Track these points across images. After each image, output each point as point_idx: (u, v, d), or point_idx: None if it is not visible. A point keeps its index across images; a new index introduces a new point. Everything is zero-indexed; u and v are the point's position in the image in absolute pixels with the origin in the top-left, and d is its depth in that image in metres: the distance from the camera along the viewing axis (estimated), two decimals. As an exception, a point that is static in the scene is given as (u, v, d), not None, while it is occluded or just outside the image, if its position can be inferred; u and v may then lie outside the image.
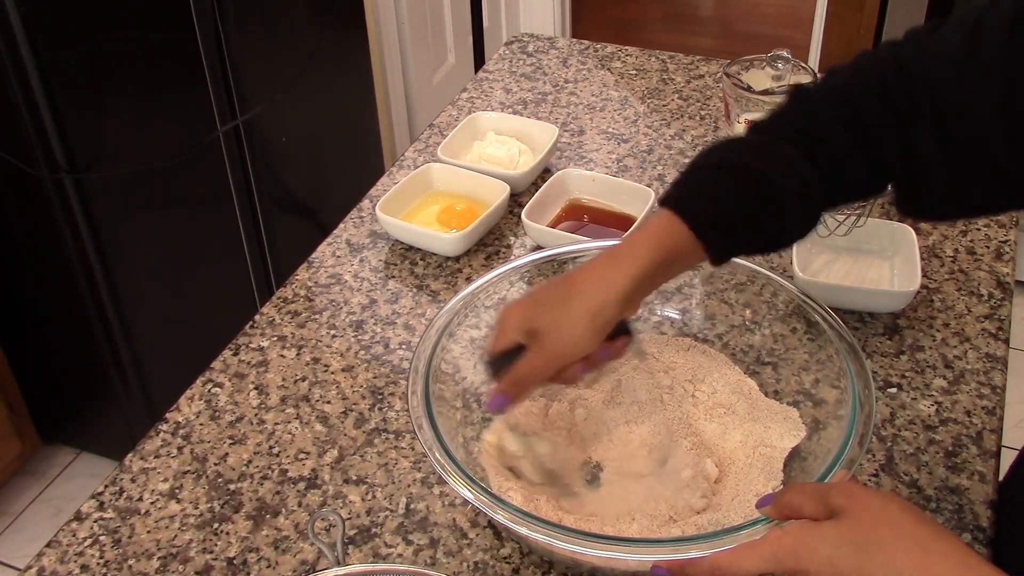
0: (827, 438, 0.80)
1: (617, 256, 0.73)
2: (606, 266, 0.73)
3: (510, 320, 0.74)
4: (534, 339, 0.73)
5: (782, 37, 3.38)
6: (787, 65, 1.24)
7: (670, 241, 0.73)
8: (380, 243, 1.15)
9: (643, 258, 0.73)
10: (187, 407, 0.95)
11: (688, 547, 0.65)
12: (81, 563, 0.81)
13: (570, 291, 0.73)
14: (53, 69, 1.48)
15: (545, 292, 0.75)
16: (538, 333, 0.72)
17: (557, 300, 0.73)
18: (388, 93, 2.55)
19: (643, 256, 0.73)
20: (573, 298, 0.73)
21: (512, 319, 0.74)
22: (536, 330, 0.73)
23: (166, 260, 1.79)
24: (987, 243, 1.12)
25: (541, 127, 1.28)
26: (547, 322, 0.72)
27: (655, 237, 0.73)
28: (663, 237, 0.73)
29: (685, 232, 0.73)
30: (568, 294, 0.73)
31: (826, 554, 0.57)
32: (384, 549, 0.81)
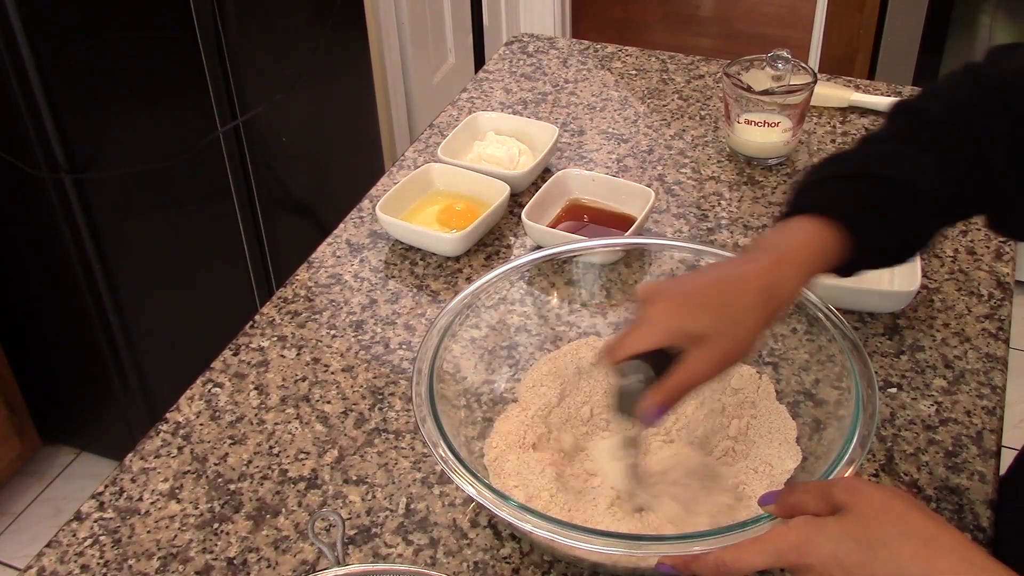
0: (827, 438, 0.80)
1: (786, 265, 0.70)
2: (775, 274, 0.70)
3: (662, 320, 0.69)
4: (703, 342, 0.68)
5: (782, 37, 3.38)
6: (787, 65, 1.24)
7: (825, 249, 0.71)
8: (380, 243, 1.15)
9: (809, 268, 0.71)
10: (187, 407, 0.95)
11: (692, 543, 0.65)
12: (81, 563, 0.81)
13: (740, 298, 0.69)
14: (53, 69, 1.49)
15: (705, 294, 0.70)
16: (707, 337, 0.68)
17: (726, 305, 0.69)
18: (388, 93, 2.55)
19: (808, 267, 0.71)
20: (746, 306, 0.69)
21: (666, 319, 0.69)
22: (703, 334, 0.68)
23: (166, 260, 1.79)
24: (987, 243, 1.12)
25: (541, 127, 1.28)
26: (718, 327, 0.68)
27: (815, 246, 0.71)
28: (821, 245, 0.71)
29: (839, 240, 0.71)
30: (738, 300, 0.69)
31: (830, 550, 0.57)
32: (384, 549, 0.81)
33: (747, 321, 0.69)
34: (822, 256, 0.71)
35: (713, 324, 0.68)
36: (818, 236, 0.71)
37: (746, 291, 0.69)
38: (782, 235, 0.72)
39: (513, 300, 0.93)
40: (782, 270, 0.70)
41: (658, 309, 0.70)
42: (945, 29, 2.17)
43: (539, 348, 0.94)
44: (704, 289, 0.71)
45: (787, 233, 0.72)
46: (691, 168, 1.26)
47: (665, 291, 0.71)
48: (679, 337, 0.69)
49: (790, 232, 0.72)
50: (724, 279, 0.71)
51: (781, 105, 1.22)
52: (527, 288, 0.93)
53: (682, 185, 1.23)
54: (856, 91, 1.37)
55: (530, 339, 0.94)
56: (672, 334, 0.69)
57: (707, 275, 0.73)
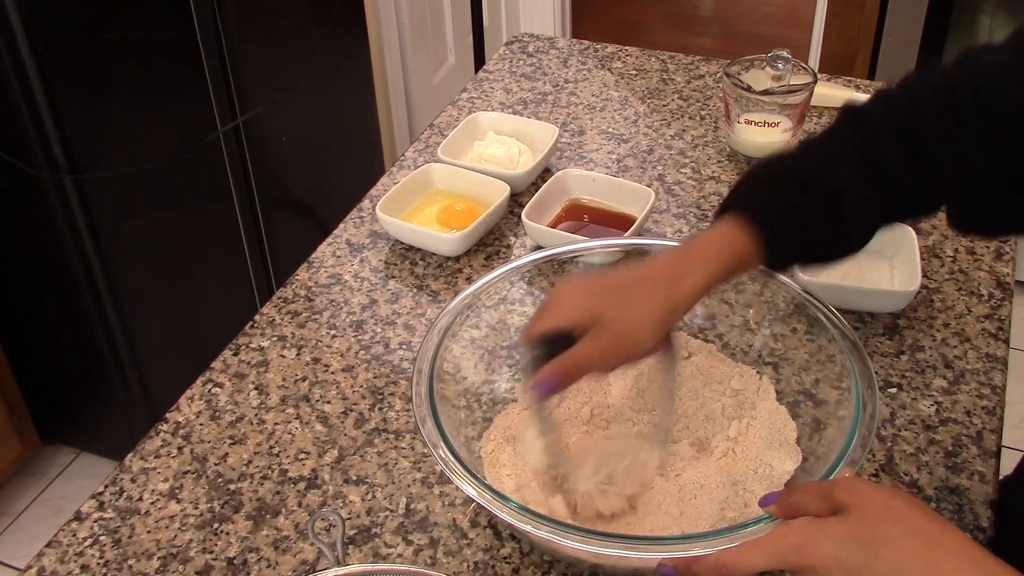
0: (827, 438, 0.80)
1: (689, 260, 0.74)
2: (677, 268, 0.74)
3: (567, 302, 0.73)
4: (596, 326, 0.72)
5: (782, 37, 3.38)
6: (787, 65, 1.24)
7: (736, 248, 0.74)
8: (380, 243, 1.15)
9: (714, 263, 0.74)
10: (187, 407, 0.95)
11: (692, 545, 0.65)
12: (81, 563, 0.81)
13: (640, 286, 0.73)
14: (53, 69, 1.49)
15: (609, 282, 0.75)
16: (601, 321, 0.72)
17: (624, 292, 0.73)
18: (388, 93, 2.55)
19: (714, 262, 0.74)
20: (644, 293, 0.73)
21: (570, 301, 0.73)
22: (599, 318, 0.72)
23: (166, 260, 1.79)
24: (987, 243, 1.12)
25: (541, 127, 1.28)
26: (613, 312, 0.72)
27: (724, 243, 0.74)
28: (731, 244, 0.74)
29: (750, 239, 0.74)
30: (637, 289, 0.73)
31: (831, 550, 0.57)
32: (384, 549, 0.81)
33: (640, 308, 0.73)
34: (732, 253, 0.75)
35: (614, 310, 0.72)
36: (730, 235, 0.75)
37: (648, 286, 0.74)
38: (698, 237, 0.77)
39: (513, 300, 0.93)
40: (684, 265, 0.74)
41: (565, 293, 0.74)
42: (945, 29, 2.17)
43: (539, 348, 0.93)
44: (611, 279, 0.75)
45: (702, 236, 0.76)
46: (691, 168, 1.26)
47: (576, 282, 0.76)
48: (581, 319, 0.72)
49: (706, 232, 0.76)
50: (630, 275, 0.75)
51: (781, 105, 1.22)
52: (527, 288, 0.93)
53: (682, 185, 1.23)
54: (856, 91, 1.37)
55: (530, 339, 0.94)
56: (572, 315, 0.72)
57: (619, 271, 0.77)
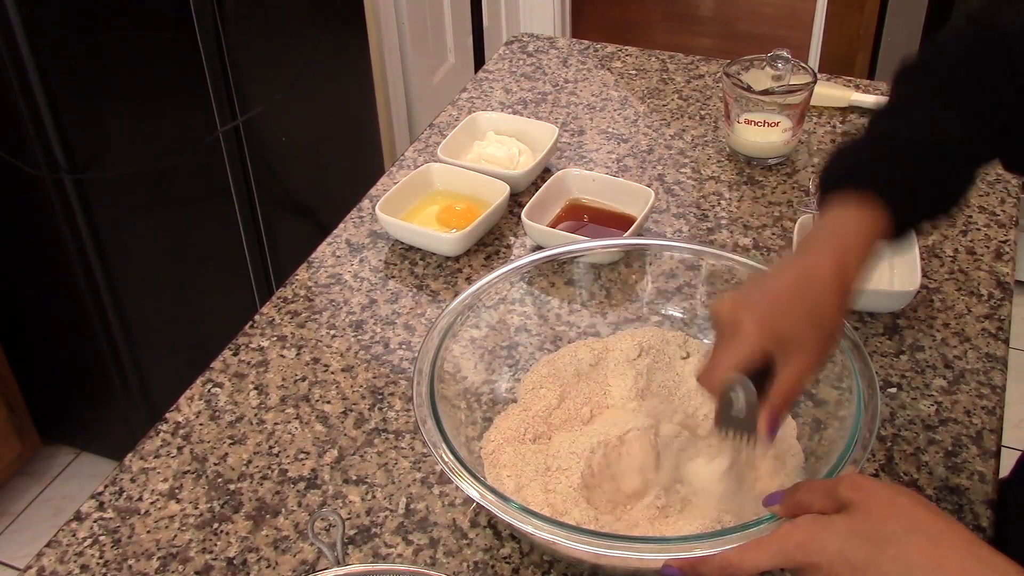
0: (828, 439, 0.80)
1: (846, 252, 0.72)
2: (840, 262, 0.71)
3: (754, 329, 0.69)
4: (795, 345, 0.69)
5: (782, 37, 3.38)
6: (787, 65, 1.24)
7: (875, 227, 0.73)
8: (380, 243, 1.15)
9: (866, 249, 0.72)
10: (187, 407, 0.95)
11: (695, 545, 0.65)
12: (81, 563, 0.81)
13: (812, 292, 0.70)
14: (53, 69, 1.49)
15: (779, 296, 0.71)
16: (798, 340, 0.69)
17: (805, 306, 0.70)
18: (388, 93, 2.55)
19: (866, 248, 0.72)
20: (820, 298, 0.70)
21: (753, 328, 0.69)
22: (790, 336, 0.69)
23: (166, 260, 1.79)
24: (987, 243, 1.12)
25: (541, 127, 1.28)
26: (805, 329, 0.69)
27: (865, 226, 0.72)
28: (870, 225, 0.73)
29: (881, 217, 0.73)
30: (811, 295, 0.70)
31: (837, 547, 0.57)
32: (384, 549, 0.81)
33: (832, 317, 0.71)
34: (874, 236, 0.73)
35: (802, 324, 0.69)
36: (868, 219, 0.73)
37: (824, 288, 0.70)
38: (834, 224, 0.74)
39: (513, 300, 0.93)
40: (846, 259, 0.71)
41: (748, 323, 0.70)
42: (945, 29, 2.16)
43: (539, 348, 0.94)
44: (783, 293, 0.71)
45: (838, 222, 0.73)
46: (691, 168, 1.26)
47: (746, 303, 0.71)
48: (773, 343, 0.69)
49: (839, 220, 0.73)
50: (799, 281, 0.71)
51: (781, 105, 1.22)
52: (527, 288, 0.93)
53: (682, 185, 1.23)
54: (856, 91, 1.37)
55: (530, 339, 0.94)
56: (767, 341, 0.69)
57: (780, 279, 0.73)
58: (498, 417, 0.88)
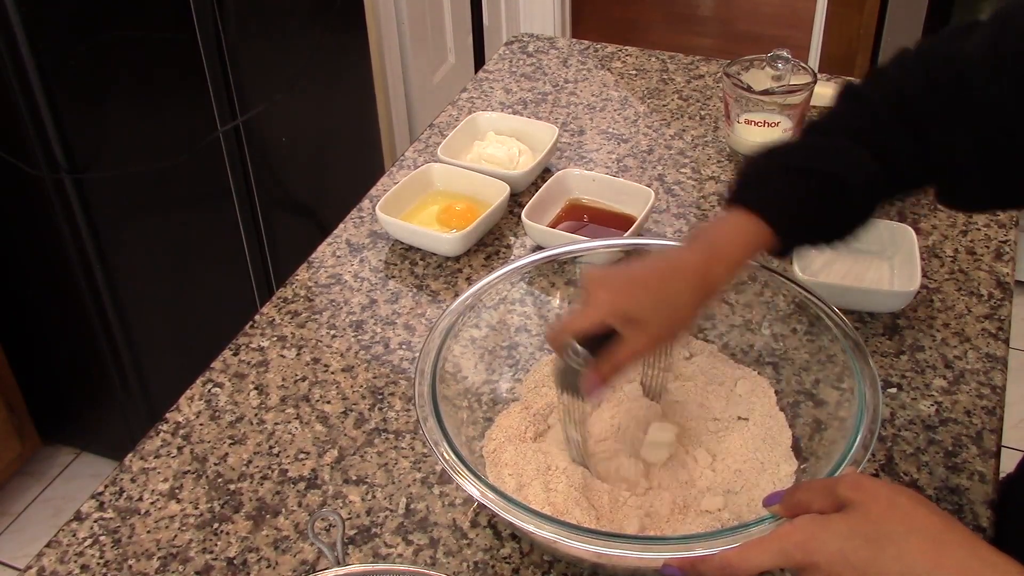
0: (828, 439, 0.80)
1: (716, 253, 0.76)
2: (706, 261, 0.76)
3: (603, 301, 0.74)
4: (633, 324, 0.73)
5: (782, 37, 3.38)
6: (787, 65, 1.24)
7: (754, 241, 0.77)
8: (380, 243, 1.15)
9: (735, 258, 0.77)
10: (187, 407, 0.95)
11: (695, 545, 0.65)
12: (81, 563, 0.81)
13: (673, 281, 0.75)
14: (53, 69, 1.48)
15: (641, 277, 0.76)
16: (638, 319, 0.73)
17: (659, 288, 0.75)
18: (388, 93, 2.55)
19: (735, 257, 0.77)
20: (678, 289, 0.75)
21: (606, 300, 0.74)
22: (635, 316, 0.73)
23: (166, 260, 1.79)
24: (987, 243, 1.12)
25: (541, 127, 1.28)
26: (651, 309, 0.74)
27: (743, 238, 0.77)
28: (750, 237, 0.77)
29: (765, 233, 0.77)
30: (672, 284, 0.75)
31: (837, 547, 0.57)
32: (384, 549, 0.81)
33: (680, 306, 0.75)
34: (751, 248, 0.77)
35: (649, 308, 0.74)
36: (747, 231, 0.77)
37: (683, 280, 0.75)
38: (717, 229, 0.78)
39: (513, 300, 0.93)
40: (714, 263, 0.76)
41: (601, 294, 0.75)
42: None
43: (539, 348, 0.94)
44: (644, 277, 0.76)
45: (721, 228, 0.78)
46: (691, 168, 1.26)
47: (608, 277, 0.76)
48: (618, 319, 0.74)
49: (723, 227, 0.78)
50: (662, 268, 0.77)
51: (781, 105, 1.22)
52: (527, 288, 0.93)
53: (682, 185, 1.23)
54: (856, 91, 1.37)
55: (530, 339, 0.94)
56: (612, 315, 0.74)
57: (648, 264, 0.78)
58: (499, 416, 0.88)
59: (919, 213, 1.16)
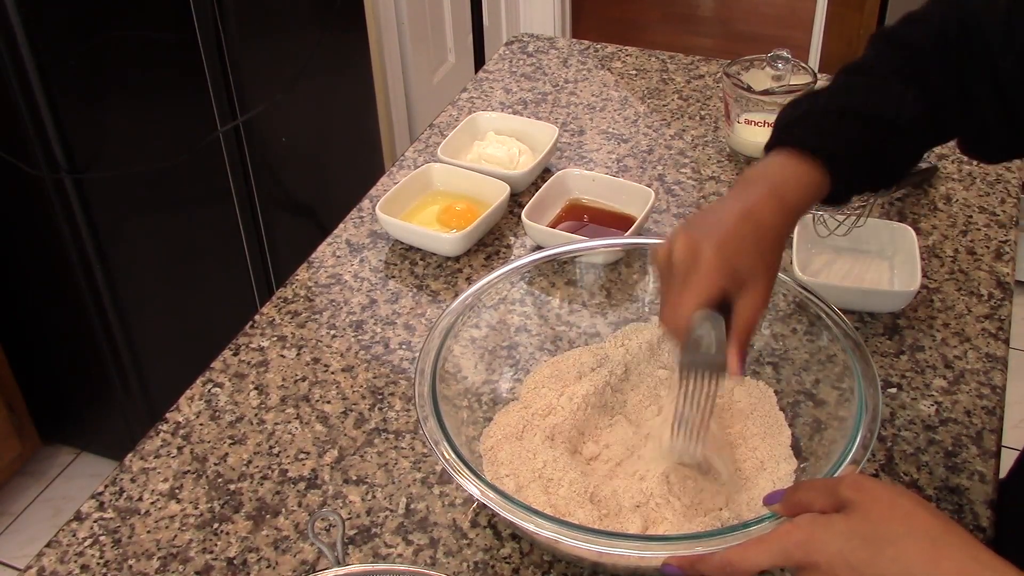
0: (828, 439, 0.80)
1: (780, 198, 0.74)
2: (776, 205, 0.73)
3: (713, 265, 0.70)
4: (745, 281, 0.71)
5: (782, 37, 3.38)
6: (787, 65, 1.24)
7: (813, 185, 0.75)
8: (380, 243, 1.15)
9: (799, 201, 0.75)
10: (187, 407, 0.95)
11: (695, 544, 0.65)
12: (81, 563, 0.81)
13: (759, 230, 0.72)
14: (53, 69, 1.49)
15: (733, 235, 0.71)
16: (748, 273, 0.71)
17: (754, 241, 0.72)
18: (388, 93, 2.55)
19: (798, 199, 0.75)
20: (769, 238, 0.72)
21: (715, 264, 0.70)
22: (744, 270, 0.71)
23: (166, 260, 1.79)
24: (987, 243, 1.12)
25: (541, 127, 1.28)
26: (756, 263, 0.71)
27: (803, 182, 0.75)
28: (808, 181, 0.75)
29: (821, 176, 0.75)
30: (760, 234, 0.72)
31: (836, 547, 0.57)
32: (384, 549, 0.81)
33: (773, 255, 0.73)
34: (810, 191, 0.76)
35: (756, 262, 0.72)
36: (806, 173, 0.75)
37: (765, 226, 0.72)
38: (772, 170, 0.76)
39: (513, 300, 0.93)
40: (781, 203, 0.74)
41: (710, 256, 0.70)
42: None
43: (539, 348, 0.94)
44: (733, 228, 0.72)
45: (778, 168, 0.76)
46: (691, 168, 1.26)
47: (704, 237, 0.71)
48: (732, 280, 0.71)
49: (780, 167, 0.76)
50: (744, 218, 0.72)
51: (781, 105, 1.22)
52: (527, 288, 0.93)
53: (682, 185, 1.23)
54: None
55: (530, 339, 0.94)
56: (729, 277, 0.70)
57: (724, 215, 0.73)
58: (499, 415, 0.88)
59: (919, 213, 1.16)
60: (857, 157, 0.76)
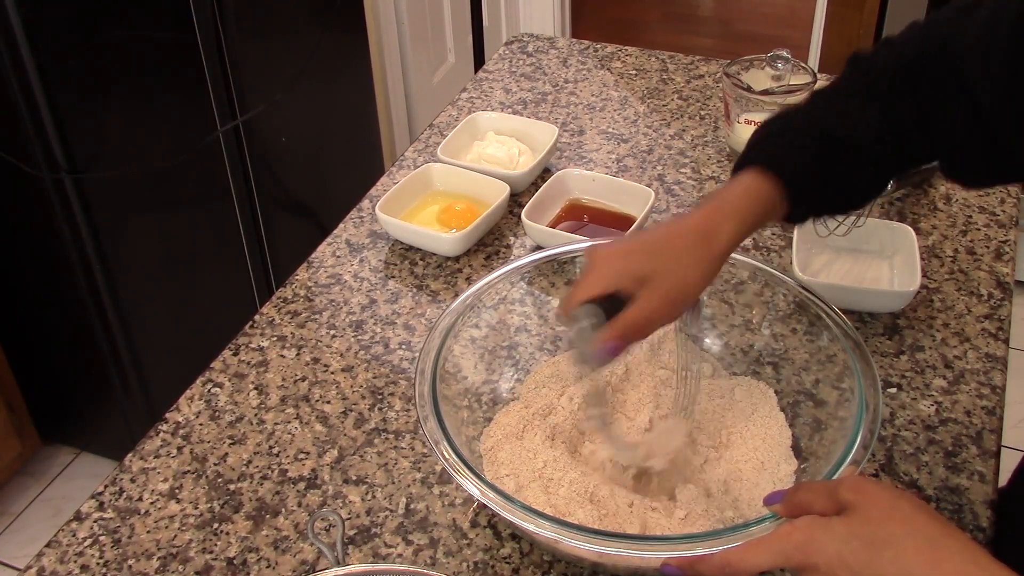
0: (828, 439, 0.80)
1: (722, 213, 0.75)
2: (712, 221, 0.74)
3: (609, 266, 0.73)
4: (646, 284, 0.72)
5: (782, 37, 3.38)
6: (787, 65, 1.24)
7: (763, 200, 0.75)
8: (380, 243, 1.15)
9: (745, 215, 0.75)
10: (187, 407, 0.95)
11: (696, 544, 0.65)
12: (81, 563, 0.81)
13: (679, 241, 0.74)
14: (53, 69, 1.48)
15: (647, 241, 0.74)
16: (651, 279, 0.72)
17: (666, 249, 0.73)
18: (388, 93, 2.55)
19: (745, 214, 0.75)
20: (685, 248, 0.73)
21: (611, 265, 0.73)
22: (647, 276, 0.72)
23: (166, 260, 1.79)
24: (987, 243, 1.12)
25: (541, 127, 1.28)
26: (660, 269, 0.72)
27: (752, 196, 0.75)
28: (758, 197, 0.76)
29: (775, 192, 0.75)
30: (678, 244, 0.74)
31: (835, 549, 0.57)
32: (384, 549, 0.81)
33: (686, 260, 0.74)
34: (759, 205, 0.76)
35: (654, 265, 0.73)
36: (755, 187, 0.76)
37: (684, 235, 0.74)
38: (724, 188, 0.77)
39: (513, 300, 0.93)
40: (718, 217, 0.75)
41: (603, 257, 0.74)
42: (945, 29, 2.16)
43: (539, 348, 0.94)
44: (648, 239, 0.75)
45: (728, 186, 0.77)
46: (691, 168, 1.26)
47: (612, 245, 0.76)
48: (624, 280, 0.72)
49: (731, 184, 0.77)
50: (664, 228, 0.76)
51: (781, 105, 1.22)
52: (527, 288, 0.93)
53: (682, 185, 1.23)
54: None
55: (530, 339, 0.94)
56: (618, 277, 0.73)
57: (652, 229, 0.77)
58: (499, 415, 0.88)
59: (919, 213, 1.16)
60: (813, 176, 0.77)
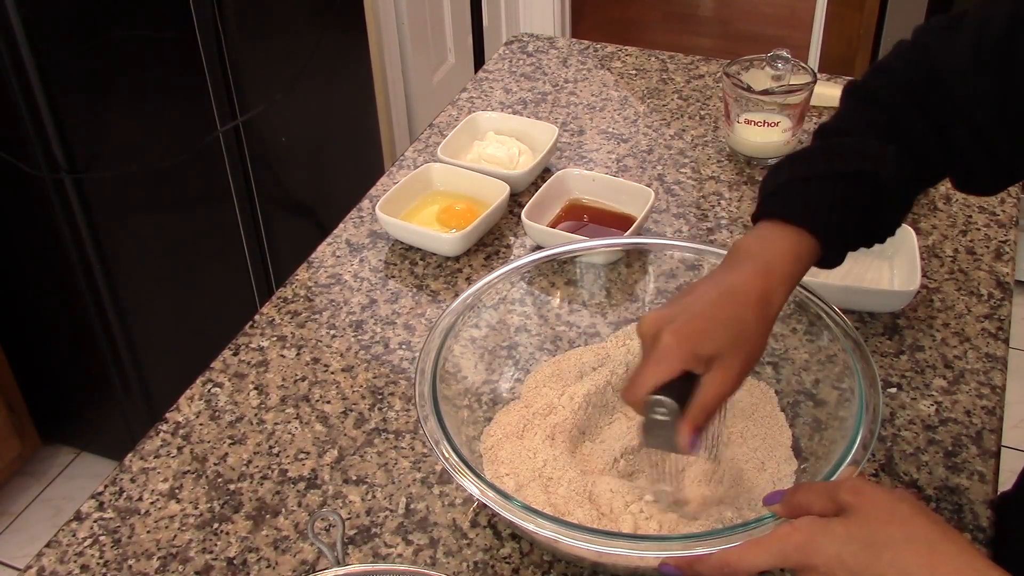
0: (828, 439, 0.80)
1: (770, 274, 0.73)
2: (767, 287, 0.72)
3: (676, 352, 0.70)
4: (715, 364, 0.70)
5: (782, 37, 3.38)
6: (787, 65, 1.24)
7: (804, 256, 0.74)
8: (380, 243, 1.15)
9: (793, 277, 0.74)
10: (187, 407, 0.95)
11: (695, 544, 0.65)
12: (81, 563, 0.81)
13: (738, 312, 0.71)
14: (53, 69, 1.48)
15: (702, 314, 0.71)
16: (719, 357, 0.70)
17: (726, 323, 0.70)
18: (388, 93, 2.55)
19: (792, 275, 0.74)
20: (745, 318, 0.71)
21: (679, 350, 0.70)
22: (711, 353, 0.70)
23: (166, 260, 1.79)
24: (987, 243, 1.12)
25: (541, 127, 1.28)
26: (725, 345, 0.70)
27: (793, 254, 0.74)
28: (799, 253, 0.74)
29: (814, 246, 0.75)
30: (736, 314, 0.71)
31: (834, 551, 0.57)
32: (384, 549, 0.81)
33: (753, 334, 0.71)
34: (802, 262, 0.75)
35: (723, 344, 0.70)
36: (796, 246, 0.74)
37: (746, 305, 0.71)
38: (762, 243, 0.75)
39: (513, 300, 0.93)
40: (772, 283, 0.72)
41: (668, 341, 0.70)
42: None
43: (539, 348, 0.94)
44: (707, 311, 0.71)
45: (766, 242, 0.75)
46: (691, 168, 1.26)
47: (669, 320, 0.71)
48: (693, 362, 0.70)
49: (769, 241, 0.75)
50: (721, 297, 0.72)
51: (781, 105, 1.22)
52: (527, 288, 0.93)
53: (682, 185, 1.23)
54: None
55: (530, 339, 0.94)
56: (687, 361, 0.70)
57: (702, 295, 0.73)
58: (499, 413, 0.88)
59: (919, 213, 1.16)
60: (844, 220, 0.75)
